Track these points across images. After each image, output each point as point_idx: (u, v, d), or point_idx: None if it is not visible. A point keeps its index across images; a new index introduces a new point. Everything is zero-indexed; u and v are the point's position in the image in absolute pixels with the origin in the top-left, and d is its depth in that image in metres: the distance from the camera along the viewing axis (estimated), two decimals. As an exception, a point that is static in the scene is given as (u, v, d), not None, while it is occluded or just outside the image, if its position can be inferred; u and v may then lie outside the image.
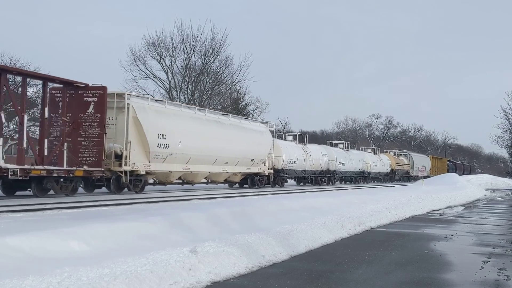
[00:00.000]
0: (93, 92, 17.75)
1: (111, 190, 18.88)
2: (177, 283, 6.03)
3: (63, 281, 5.27)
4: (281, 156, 31.67)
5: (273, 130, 30.94)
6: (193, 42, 49.49)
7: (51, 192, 16.25)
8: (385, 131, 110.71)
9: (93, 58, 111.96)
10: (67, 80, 17.59)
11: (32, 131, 34.16)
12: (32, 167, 15.48)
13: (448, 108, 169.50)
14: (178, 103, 21.76)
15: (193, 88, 50.23)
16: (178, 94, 50.25)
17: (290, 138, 36.98)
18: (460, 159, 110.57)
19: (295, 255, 8.53)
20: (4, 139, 16.32)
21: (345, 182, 47.37)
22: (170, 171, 21.74)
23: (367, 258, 8.51)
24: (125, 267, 6.04)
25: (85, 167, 16.95)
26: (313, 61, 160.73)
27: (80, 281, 5.32)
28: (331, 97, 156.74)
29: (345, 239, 10.80)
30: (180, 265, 6.44)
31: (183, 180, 24.04)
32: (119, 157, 18.66)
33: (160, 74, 49.83)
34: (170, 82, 50.09)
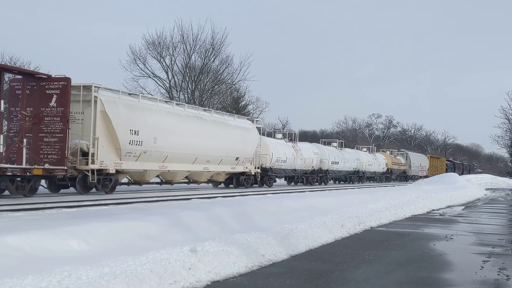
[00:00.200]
0: (56, 84, 16.24)
1: (77, 191, 17.47)
2: (177, 282, 6.03)
3: (63, 280, 5.27)
4: (269, 155, 30.21)
5: (260, 127, 29.33)
6: (193, 41, 49.53)
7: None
8: (385, 131, 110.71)
9: (93, 57, 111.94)
10: (27, 70, 16.63)
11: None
12: None
13: (448, 108, 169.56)
14: (154, 97, 20.55)
15: (193, 87, 50.23)
16: (178, 94, 50.25)
17: (280, 136, 35.16)
18: (460, 159, 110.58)
19: (295, 254, 8.53)
20: None
21: (339, 182, 46.06)
22: (145, 170, 20.37)
23: (367, 257, 8.51)
24: (125, 266, 6.04)
25: (46, 165, 15.59)
26: (313, 60, 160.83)
27: (80, 280, 5.33)
28: (331, 96, 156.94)
29: (345, 238, 10.80)
30: (180, 264, 6.44)
31: (162, 180, 22.88)
32: (86, 154, 17.21)
33: (160, 74, 49.88)
34: (170, 81, 50.12)
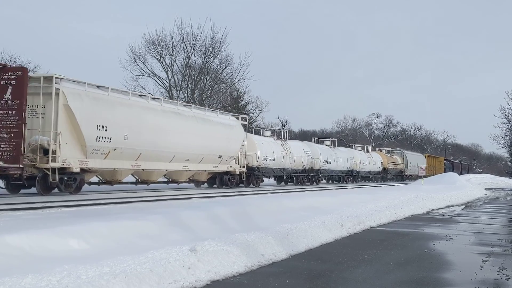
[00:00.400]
0: (11, 74, 15.11)
1: (37, 191, 16.08)
2: (176, 282, 6.03)
3: (63, 280, 5.27)
4: (255, 153, 28.87)
5: (246, 124, 28.03)
6: (193, 40, 49.54)
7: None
8: (385, 130, 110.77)
9: (93, 56, 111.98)
10: None
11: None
12: None
13: (448, 108, 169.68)
14: (126, 90, 18.69)
15: (193, 86, 50.23)
16: (178, 93, 50.26)
17: (268, 133, 33.60)
18: (460, 159, 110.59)
19: (294, 254, 8.53)
20: None
21: (333, 182, 44.78)
22: (116, 169, 18.93)
23: (366, 257, 8.51)
24: (125, 265, 6.04)
25: (0, 163, 14.42)
26: (313, 60, 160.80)
27: (80, 280, 5.33)
28: (331, 96, 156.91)
29: (345, 238, 10.80)
30: (179, 263, 6.44)
31: (137, 179, 21.60)
32: (48, 151, 15.79)
33: (160, 73, 49.88)
34: (170, 80, 50.13)
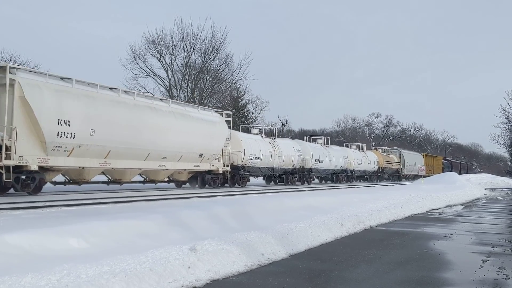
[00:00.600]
0: None
1: None
2: (176, 281, 6.03)
3: (62, 279, 5.27)
4: (240, 151, 27.55)
5: (230, 120, 26.74)
6: (193, 40, 49.54)
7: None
8: (385, 130, 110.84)
9: (93, 55, 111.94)
10: None
11: None
12: None
13: (448, 107, 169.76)
14: (94, 82, 17.65)
15: (193, 86, 50.23)
16: (178, 92, 50.28)
17: (256, 131, 32.30)
18: (460, 158, 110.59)
19: (294, 253, 8.53)
20: None
21: (326, 182, 43.40)
22: (82, 167, 17.51)
23: (366, 257, 8.51)
24: (124, 265, 6.04)
25: None
26: (313, 59, 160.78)
27: (79, 279, 5.33)
28: (331, 96, 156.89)
29: (345, 237, 10.80)
30: (179, 263, 6.44)
31: (109, 179, 20.16)
32: (1, 148, 14.69)
33: (160, 72, 49.89)
34: (170, 80, 50.13)
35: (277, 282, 6.47)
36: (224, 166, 25.57)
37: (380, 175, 52.65)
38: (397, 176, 57.97)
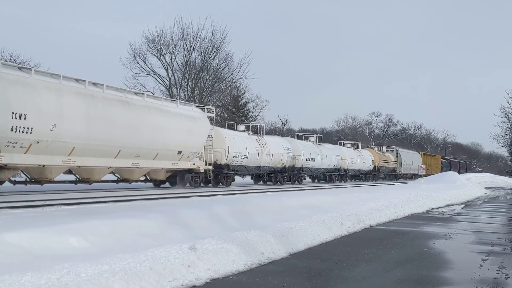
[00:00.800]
0: None
1: None
2: (176, 280, 6.03)
3: (62, 277, 5.27)
4: (224, 149, 26.10)
5: (212, 116, 25.30)
6: (193, 39, 49.53)
7: (48, 187, 15.21)
8: (385, 129, 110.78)
9: (93, 55, 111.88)
10: None
11: None
12: None
13: (448, 107, 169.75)
14: (57, 73, 16.35)
15: (193, 85, 50.22)
16: (178, 91, 50.28)
17: (242, 128, 30.74)
18: (460, 158, 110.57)
19: (294, 252, 8.53)
20: None
21: (319, 181, 42.01)
22: (42, 165, 16.02)
23: (366, 256, 8.52)
24: (124, 263, 6.04)
25: None
26: (313, 58, 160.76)
27: (79, 278, 5.33)
28: (331, 95, 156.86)
29: (344, 237, 10.80)
30: (179, 262, 6.44)
31: (77, 178, 18.69)
32: None
33: (160, 71, 49.89)
34: (170, 79, 50.14)
35: (276, 281, 6.47)
36: (206, 164, 24.17)
37: (375, 175, 51.16)
38: (393, 175, 56.60)
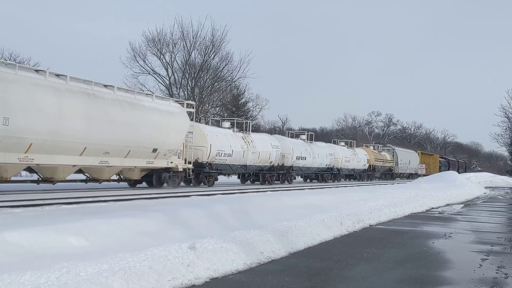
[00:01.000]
0: None
1: None
2: (175, 279, 6.03)
3: (62, 277, 5.27)
4: (206, 146, 24.84)
5: (193, 111, 23.94)
6: (193, 38, 49.58)
7: (50, 187, 15.23)
8: (385, 129, 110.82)
9: (93, 54, 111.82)
10: None
11: None
12: None
13: (448, 106, 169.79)
14: (12, 62, 15.38)
15: (193, 84, 50.23)
16: (178, 90, 50.31)
17: (227, 124, 29.59)
18: (460, 157, 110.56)
19: (293, 252, 8.53)
20: None
21: (311, 181, 40.83)
22: None
23: (365, 255, 8.52)
24: (124, 263, 6.04)
25: None
26: (313, 58, 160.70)
27: (79, 277, 5.32)
28: (331, 94, 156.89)
29: (344, 236, 10.80)
30: (178, 261, 6.44)
31: (40, 177, 17.51)
32: None
33: (160, 70, 49.92)
34: (170, 78, 50.18)
35: (276, 280, 6.47)
36: (185, 163, 22.82)
37: (371, 174, 50.06)
38: (390, 175, 55.53)
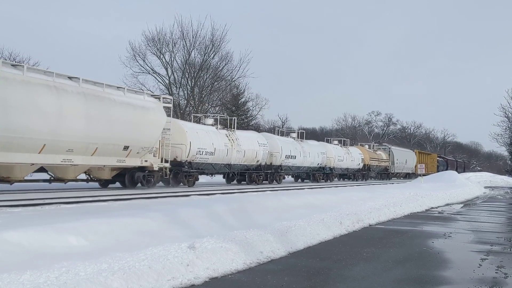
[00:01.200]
0: None
1: None
2: (175, 279, 6.03)
3: (61, 276, 5.27)
4: (185, 144, 23.27)
5: (170, 106, 22.61)
6: (193, 37, 49.57)
7: (49, 186, 15.11)
8: (385, 128, 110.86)
9: (93, 54, 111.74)
10: None
11: None
12: None
13: (448, 106, 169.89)
14: None
15: (192, 84, 50.22)
16: (178, 90, 50.34)
17: (210, 121, 28.19)
18: (460, 157, 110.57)
19: (293, 251, 8.53)
20: None
21: (303, 180, 39.56)
22: None
23: (365, 255, 8.52)
24: (123, 262, 6.04)
25: None
26: (313, 57, 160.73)
27: (78, 276, 5.32)
28: (331, 94, 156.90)
29: (344, 236, 10.79)
30: (178, 260, 6.44)
31: None
32: None
33: (159, 70, 49.91)
34: (169, 77, 50.17)
35: (276, 280, 6.47)
36: (162, 161, 21.37)
37: (365, 174, 48.47)
38: (386, 174, 54.01)
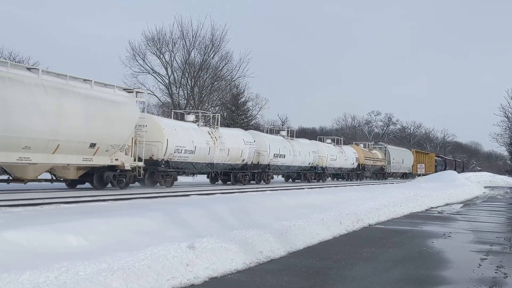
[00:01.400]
0: None
1: None
2: (174, 279, 6.03)
3: (61, 276, 5.27)
4: (161, 142, 21.77)
5: (144, 101, 21.26)
6: (192, 37, 49.56)
7: (49, 185, 15.14)
8: (385, 128, 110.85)
9: (93, 53, 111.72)
10: None
11: None
12: None
13: (448, 106, 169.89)
14: None
15: (192, 83, 50.21)
16: (178, 90, 50.34)
17: (191, 118, 26.46)
18: (460, 157, 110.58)
19: (293, 251, 8.53)
20: None
21: (293, 180, 37.91)
22: None
23: (365, 255, 8.52)
24: (123, 262, 6.03)
25: None
26: (313, 57, 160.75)
27: (78, 276, 5.32)
28: (331, 94, 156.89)
29: (343, 235, 10.80)
30: (178, 260, 6.44)
31: None
32: None
33: (159, 70, 49.89)
34: (169, 77, 50.15)
35: (275, 280, 6.47)
36: (135, 160, 19.99)
37: (360, 173, 46.97)
38: (381, 174, 52.62)
